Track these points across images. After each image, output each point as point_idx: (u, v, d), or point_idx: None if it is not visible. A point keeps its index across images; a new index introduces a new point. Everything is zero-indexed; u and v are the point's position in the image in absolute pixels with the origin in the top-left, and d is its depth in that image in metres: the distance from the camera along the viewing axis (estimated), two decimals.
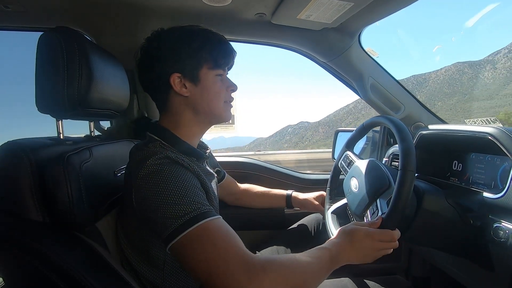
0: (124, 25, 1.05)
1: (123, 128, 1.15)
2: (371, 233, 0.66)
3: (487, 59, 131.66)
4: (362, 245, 0.65)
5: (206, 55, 0.71)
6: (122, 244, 0.71)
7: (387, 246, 0.67)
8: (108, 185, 0.74)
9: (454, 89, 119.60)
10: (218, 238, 0.54)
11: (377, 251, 0.67)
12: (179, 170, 0.61)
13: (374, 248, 0.66)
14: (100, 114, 0.81)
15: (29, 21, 1.06)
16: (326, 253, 0.63)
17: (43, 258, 0.53)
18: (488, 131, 0.79)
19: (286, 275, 0.54)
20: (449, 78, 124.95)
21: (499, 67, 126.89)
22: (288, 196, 1.14)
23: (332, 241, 0.67)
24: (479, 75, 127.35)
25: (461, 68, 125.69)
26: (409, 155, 0.68)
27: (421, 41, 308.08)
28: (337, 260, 0.64)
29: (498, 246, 0.70)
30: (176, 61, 0.70)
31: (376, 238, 0.65)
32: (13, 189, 0.58)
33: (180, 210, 0.55)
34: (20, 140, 0.63)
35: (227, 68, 0.77)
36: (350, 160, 0.95)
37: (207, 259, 0.52)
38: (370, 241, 0.65)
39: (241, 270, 0.50)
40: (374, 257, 0.67)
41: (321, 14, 0.95)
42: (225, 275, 0.50)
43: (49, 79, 0.66)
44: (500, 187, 0.77)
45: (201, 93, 0.72)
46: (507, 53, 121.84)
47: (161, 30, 0.73)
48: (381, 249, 0.67)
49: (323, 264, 0.61)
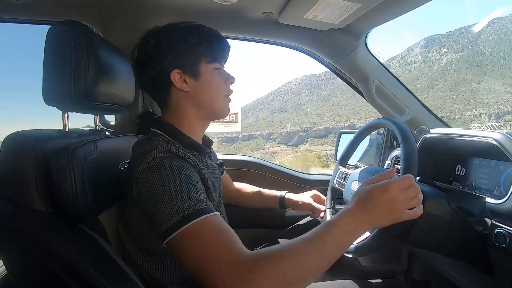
0: (131, 20, 1.06)
1: (128, 123, 1.16)
2: (386, 184, 0.57)
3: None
4: (382, 203, 0.56)
5: (204, 49, 0.73)
6: (122, 237, 0.72)
7: (410, 194, 0.57)
8: (112, 179, 0.74)
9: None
10: (210, 237, 0.53)
11: (401, 203, 0.57)
12: (179, 164, 0.62)
13: (396, 201, 0.56)
14: (105, 108, 0.82)
15: (38, 14, 1.07)
16: (333, 229, 0.55)
17: (45, 248, 0.54)
18: (493, 136, 0.78)
19: (278, 271, 0.49)
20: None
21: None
22: (282, 198, 1.13)
23: (342, 212, 0.58)
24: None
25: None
26: (411, 159, 0.68)
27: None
28: (353, 230, 0.56)
29: (499, 251, 0.70)
30: (176, 57, 0.71)
31: (394, 188, 0.56)
32: (18, 179, 0.59)
33: (177, 207, 0.55)
34: (26, 131, 0.64)
35: (223, 62, 0.79)
36: (346, 174, 0.96)
37: (198, 257, 0.52)
38: (387, 194, 0.56)
39: (228, 270, 0.49)
40: (400, 210, 0.57)
41: (328, 14, 0.95)
42: (214, 273, 0.50)
43: (56, 72, 0.67)
44: (503, 192, 0.77)
45: (202, 88, 0.73)
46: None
47: (157, 28, 0.74)
48: (405, 198, 0.57)
49: (329, 243, 0.54)
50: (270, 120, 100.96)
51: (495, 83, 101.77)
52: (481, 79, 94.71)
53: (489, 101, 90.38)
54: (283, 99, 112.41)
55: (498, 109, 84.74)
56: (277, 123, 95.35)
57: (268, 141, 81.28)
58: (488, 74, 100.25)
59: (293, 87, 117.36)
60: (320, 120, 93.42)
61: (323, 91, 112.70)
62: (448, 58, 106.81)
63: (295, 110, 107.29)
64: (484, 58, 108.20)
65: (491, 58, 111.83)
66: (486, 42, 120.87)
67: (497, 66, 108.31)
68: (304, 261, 0.51)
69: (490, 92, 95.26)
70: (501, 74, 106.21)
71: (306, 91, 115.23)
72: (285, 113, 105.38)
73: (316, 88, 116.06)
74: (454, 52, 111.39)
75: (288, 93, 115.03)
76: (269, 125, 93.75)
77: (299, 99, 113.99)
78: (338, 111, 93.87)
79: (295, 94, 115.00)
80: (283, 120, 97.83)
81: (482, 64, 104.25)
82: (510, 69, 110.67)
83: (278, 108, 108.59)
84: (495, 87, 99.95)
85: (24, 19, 1.10)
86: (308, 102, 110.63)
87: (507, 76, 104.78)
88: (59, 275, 0.53)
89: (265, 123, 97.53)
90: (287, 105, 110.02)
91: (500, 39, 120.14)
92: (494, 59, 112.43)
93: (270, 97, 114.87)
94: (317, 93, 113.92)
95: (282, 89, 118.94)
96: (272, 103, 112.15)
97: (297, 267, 0.50)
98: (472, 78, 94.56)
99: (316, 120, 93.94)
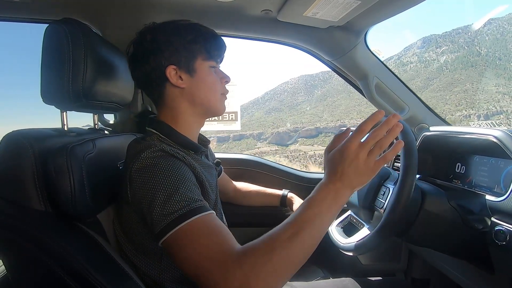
0: (129, 18, 1.05)
1: (127, 122, 1.15)
2: (344, 144, 0.54)
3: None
4: (348, 162, 0.53)
5: (200, 47, 0.73)
6: (119, 236, 0.71)
7: (370, 142, 0.53)
8: (110, 177, 0.74)
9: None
10: (203, 236, 0.53)
11: (368, 155, 0.53)
12: (173, 163, 0.61)
13: (361, 155, 0.52)
14: (104, 107, 0.82)
15: (36, 12, 1.06)
16: (315, 204, 0.53)
17: (44, 247, 0.54)
18: (493, 133, 0.78)
19: (265, 261, 0.48)
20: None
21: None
22: (284, 197, 1.14)
23: (317, 187, 0.55)
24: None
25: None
26: (411, 157, 0.68)
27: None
28: (335, 200, 0.53)
29: (499, 249, 0.70)
30: (172, 53, 0.71)
31: (353, 145, 0.53)
32: (16, 178, 0.58)
33: (170, 207, 0.55)
34: (24, 130, 0.63)
35: (219, 60, 0.79)
36: None
37: (191, 256, 0.52)
38: (348, 153, 0.53)
39: (217, 268, 0.49)
40: (371, 163, 0.53)
41: (327, 12, 0.94)
42: (205, 272, 0.50)
43: (55, 71, 0.67)
44: (503, 190, 0.77)
45: (197, 85, 0.73)
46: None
47: (154, 24, 0.74)
48: (368, 149, 0.53)
49: (314, 221, 0.52)
50: (264, 120, 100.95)
51: (488, 84, 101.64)
52: (474, 80, 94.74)
53: (480, 101, 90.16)
54: (279, 99, 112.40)
55: (488, 110, 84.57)
56: (269, 123, 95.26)
57: (259, 141, 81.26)
58: (482, 74, 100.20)
59: (289, 87, 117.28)
60: (312, 120, 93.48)
61: (319, 91, 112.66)
62: (444, 59, 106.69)
63: (290, 110, 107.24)
64: (480, 59, 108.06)
65: (486, 59, 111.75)
66: (482, 43, 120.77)
67: (491, 67, 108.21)
68: (292, 246, 0.50)
69: (482, 92, 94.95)
70: (496, 74, 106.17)
71: (302, 91, 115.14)
72: (279, 112, 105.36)
73: (312, 88, 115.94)
74: (450, 53, 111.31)
75: (284, 93, 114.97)
76: (261, 125, 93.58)
77: (295, 99, 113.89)
78: (332, 111, 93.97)
79: (291, 94, 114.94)
80: (276, 120, 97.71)
81: (477, 64, 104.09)
82: (504, 70, 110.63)
83: (273, 108, 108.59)
84: (487, 87, 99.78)
85: (22, 18, 1.09)
86: (303, 102, 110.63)
87: (501, 77, 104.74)
88: (58, 274, 0.53)
89: (258, 123, 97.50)
90: (283, 105, 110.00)
91: (496, 39, 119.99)
92: (489, 60, 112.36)
93: (266, 97, 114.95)
94: (313, 93, 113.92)
95: (278, 89, 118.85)
96: (268, 103, 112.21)
97: (285, 253, 0.49)
98: (466, 79, 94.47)
99: (308, 120, 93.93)
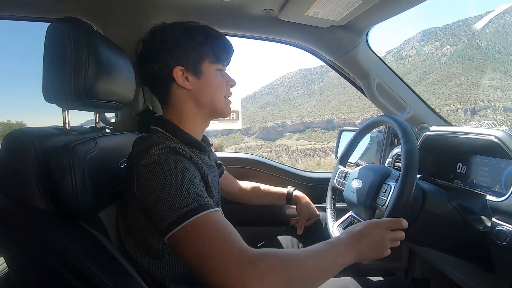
0: (131, 17, 1.05)
1: (128, 121, 1.16)
2: (378, 222, 0.66)
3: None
4: (371, 237, 0.64)
5: (208, 50, 0.74)
6: (121, 234, 0.72)
7: (395, 236, 0.66)
8: (112, 176, 0.75)
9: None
10: (214, 231, 0.54)
11: (386, 242, 0.65)
12: (180, 161, 0.62)
13: (383, 238, 0.65)
14: (105, 106, 0.82)
15: (38, 11, 1.06)
16: (332, 248, 0.61)
17: (46, 245, 0.54)
18: (494, 133, 0.78)
19: (280, 268, 0.51)
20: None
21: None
22: (289, 195, 1.15)
23: (338, 237, 0.65)
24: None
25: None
26: (412, 156, 0.68)
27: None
28: (346, 254, 0.61)
29: (500, 249, 0.70)
30: (180, 54, 0.72)
31: (384, 227, 0.65)
32: (18, 176, 0.59)
33: (179, 202, 0.55)
34: (26, 128, 0.64)
35: (225, 64, 0.80)
36: (346, 172, 0.96)
37: (202, 251, 0.52)
38: (378, 231, 0.64)
39: (233, 264, 0.50)
40: (384, 248, 0.65)
41: (329, 11, 0.94)
42: (218, 268, 0.50)
43: (57, 69, 0.67)
44: (504, 190, 0.77)
45: (203, 87, 0.74)
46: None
47: (164, 24, 0.75)
48: (390, 239, 0.65)
49: (326, 259, 0.58)
50: (256, 114, 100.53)
51: (483, 78, 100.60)
52: (470, 74, 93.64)
53: (470, 96, 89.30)
54: (275, 93, 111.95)
55: (475, 104, 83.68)
56: (260, 118, 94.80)
57: (246, 136, 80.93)
58: (478, 68, 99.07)
59: (286, 81, 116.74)
60: (301, 114, 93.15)
61: (316, 85, 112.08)
62: (442, 52, 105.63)
63: (284, 104, 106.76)
64: (479, 52, 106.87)
65: (485, 52, 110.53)
66: (483, 35, 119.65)
67: (489, 60, 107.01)
68: (304, 265, 0.54)
69: (474, 87, 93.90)
70: (492, 68, 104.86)
71: (299, 85, 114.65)
72: (274, 107, 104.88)
73: (309, 83, 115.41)
74: (449, 46, 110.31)
75: (281, 87, 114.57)
76: (251, 120, 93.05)
77: (291, 93, 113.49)
78: (323, 106, 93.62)
79: (288, 88, 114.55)
80: (267, 115, 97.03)
81: (474, 58, 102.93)
82: (503, 63, 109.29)
83: (268, 103, 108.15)
84: (481, 81, 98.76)
85: (23, 16, 1.09)
86: (299, 96, 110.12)
87: (497, 70, 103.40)
88: (59, 272, 0.53)
89: (250, 117, 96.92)
90: (278, 100, 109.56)
91: (497, 31, 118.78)
92: (488, 53, 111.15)
93: (263, 91, 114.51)
94: (310, 88, 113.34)
95: (275, 83, 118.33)
96: (264, 97, 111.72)
97: (297, 266, 0.53)
98: (462, 73, 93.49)
99: (298, 114, 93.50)
